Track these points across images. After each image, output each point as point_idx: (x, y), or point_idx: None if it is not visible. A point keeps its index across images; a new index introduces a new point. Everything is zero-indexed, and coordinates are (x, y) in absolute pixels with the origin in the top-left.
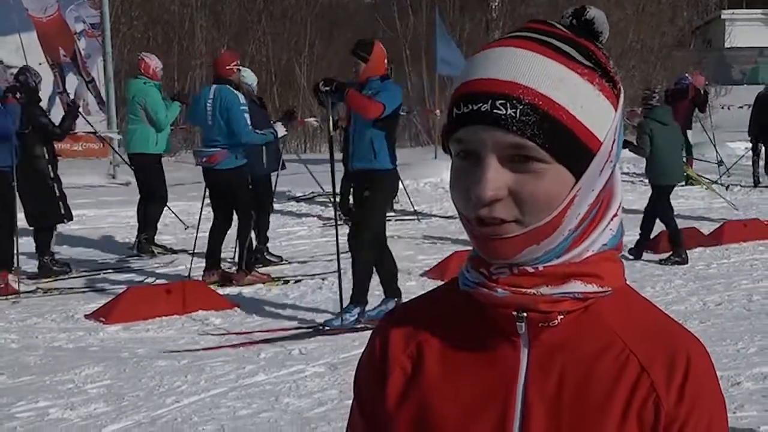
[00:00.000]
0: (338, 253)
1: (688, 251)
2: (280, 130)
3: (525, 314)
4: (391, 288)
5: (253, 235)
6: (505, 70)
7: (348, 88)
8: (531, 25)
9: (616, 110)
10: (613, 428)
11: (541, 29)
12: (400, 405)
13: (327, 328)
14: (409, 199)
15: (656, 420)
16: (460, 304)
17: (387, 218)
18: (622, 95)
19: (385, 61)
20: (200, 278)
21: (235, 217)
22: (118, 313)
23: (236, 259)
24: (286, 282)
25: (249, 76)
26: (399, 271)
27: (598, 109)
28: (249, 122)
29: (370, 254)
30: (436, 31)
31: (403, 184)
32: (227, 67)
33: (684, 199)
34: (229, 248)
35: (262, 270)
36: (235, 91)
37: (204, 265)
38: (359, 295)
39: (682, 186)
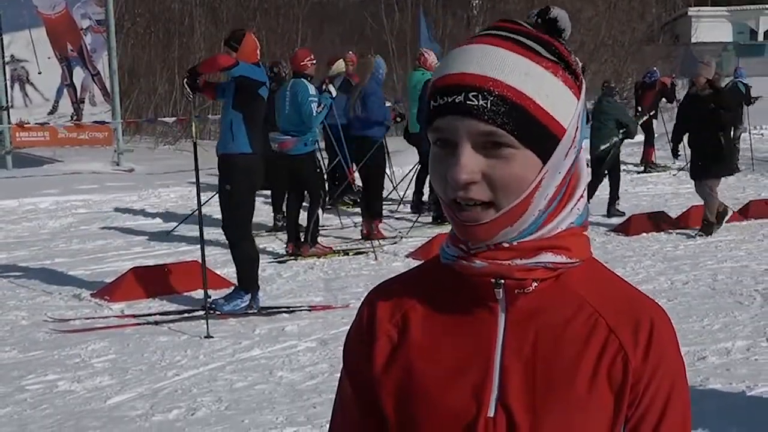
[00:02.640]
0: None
1: (656, 234)
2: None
3: (502, 281)
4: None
5: (320, 211)
6: (476, 65)
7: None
8: (499, 24)
9: (578, 100)
10: (584, 384)
11: (509, 27)
12: (387, 370)
13: (218, 312)
14: (394, 184)
15: (624, 376)
16: (441, 277)
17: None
18: (583, 87)
19: (257, 51)
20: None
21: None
22: (122, 291)
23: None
24: (346, 253)
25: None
26: (386, 252)
27: (561, 99)
28: (315, 111)
29: (247, 243)
30: (420, 26)
31: (392, 170)
32: (301, 63)
33: (653, 185)
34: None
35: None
36: (307, 83)
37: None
38: (248, 283)
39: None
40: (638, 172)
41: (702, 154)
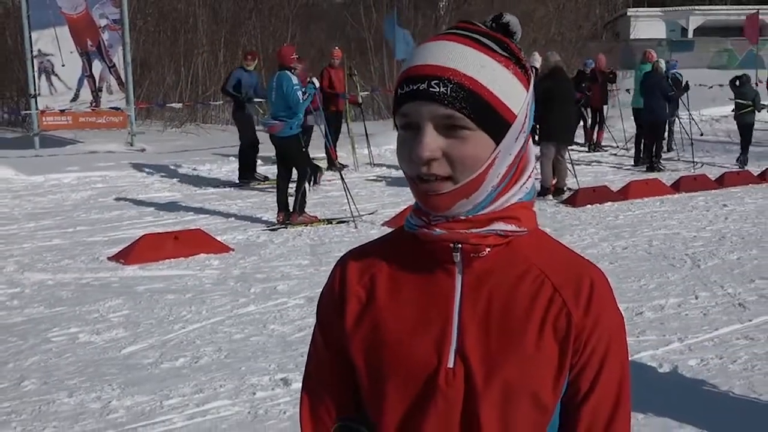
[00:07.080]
0: None
1: (599, 205)
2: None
3: (459, 246)
4: None
5: (307, 185)
6: (437, 58)
7: None
8: (459, 24)
9: (527, 91)
10: (533, 336)
11: (467, 27)
12: (356, 326)
13: None
14: (372, 163)
15: (568, 329)
16: (406, 244)
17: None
18: (532, 80)
19: None
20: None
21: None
22: (135, 255)
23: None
24: (330, 222)
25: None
26: (365, 221)
27: (512, 89)
28: (301, 98)
29: None
30: (393, 23)
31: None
32: (290, 57)
33: (597, 164)
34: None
35: None
36: (291, 74)
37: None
38: None
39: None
40: (587, 151)
41: None
